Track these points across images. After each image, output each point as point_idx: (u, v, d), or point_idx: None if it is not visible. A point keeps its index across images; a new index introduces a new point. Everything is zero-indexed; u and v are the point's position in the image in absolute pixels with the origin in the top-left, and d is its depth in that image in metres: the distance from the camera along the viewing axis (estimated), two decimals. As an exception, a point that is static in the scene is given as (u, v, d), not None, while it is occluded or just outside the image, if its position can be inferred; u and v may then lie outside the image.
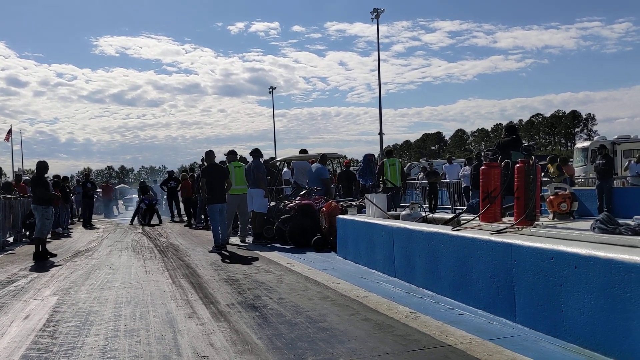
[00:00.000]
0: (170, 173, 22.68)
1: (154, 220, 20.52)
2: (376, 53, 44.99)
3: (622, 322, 3.48)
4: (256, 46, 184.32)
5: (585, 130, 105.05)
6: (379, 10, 43.31)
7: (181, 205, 21.07)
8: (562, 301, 3.99)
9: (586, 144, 32.06)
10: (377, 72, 45.14)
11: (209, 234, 14.62)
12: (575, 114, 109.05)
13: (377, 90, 45.22)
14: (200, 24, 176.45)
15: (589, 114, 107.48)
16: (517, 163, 5.75)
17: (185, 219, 19.62)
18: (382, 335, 4.56)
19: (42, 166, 10.83)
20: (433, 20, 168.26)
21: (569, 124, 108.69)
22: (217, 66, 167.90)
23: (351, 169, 14.73)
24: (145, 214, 20.23)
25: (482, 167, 5.90)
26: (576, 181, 19.97)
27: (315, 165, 12.56)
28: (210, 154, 11.65)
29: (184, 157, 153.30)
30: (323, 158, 13.26)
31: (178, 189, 20.52)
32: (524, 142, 8.50)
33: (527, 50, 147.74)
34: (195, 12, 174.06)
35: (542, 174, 11.95)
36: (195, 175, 20.20)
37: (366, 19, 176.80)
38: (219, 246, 10.89)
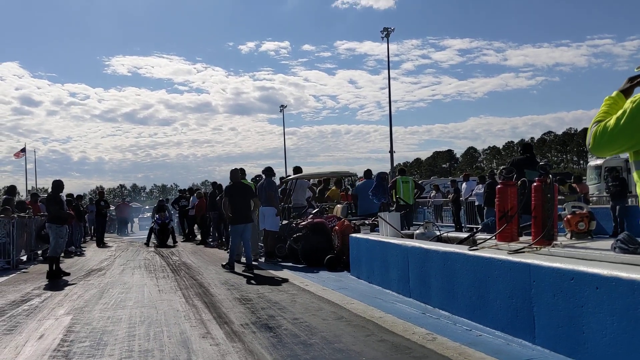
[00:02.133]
0: (182, 192, 22.75)
1: (169, 241, 19.10)
2: (386, 71, 45.29)
3: (646, 345, 3.40)
4: (266, 65, 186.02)
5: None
6: (389, 30, 43.64)
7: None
8: (583, 323, 3.92)
9: (599, 161, 31.70)
10: (386, 90, 45.30)
11: (221, 253, 14.64)
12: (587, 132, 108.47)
13: (387, 108, 45.33)
14: (211, 44, 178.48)
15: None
16: (533, 182, 5.72)
17: (199, 238, 19.64)
18: (399, 356, 4.50)
19: (58, 185, 10.89)
20: (443, 39, 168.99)
21: (581, 141, 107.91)
22: (228, 85, 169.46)
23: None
24: (160, 235, 18.75)
25: (499, 186, 5.85)
26: (590, 199, 19.77)
27: (368, 182, 12.82)
28: (235, 173, 11.32)
29: (195, 176, 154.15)
30: (368, 173, 13.70)
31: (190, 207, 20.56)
32: (539, 160, 8.45)
33: (537, 67, 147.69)
34: (207, 31, 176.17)
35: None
36: (200, 192, 20.35)
37: (375, 37, 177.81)
38: (232, 265, 10.80)
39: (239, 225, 10.84)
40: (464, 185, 20.46)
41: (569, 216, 5.78)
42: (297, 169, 15.26)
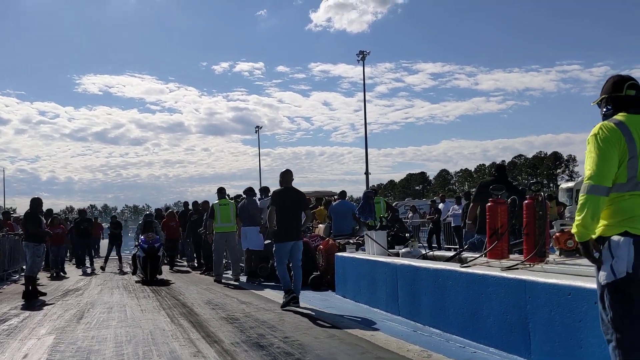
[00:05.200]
0: (157, 212, 22.15)
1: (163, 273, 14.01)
2: (360, 93, 45.94)
3: (645, 358, 3.45)
4: (240, 86, 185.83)
5: (567, 171, 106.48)
6: (364, 53, 44.34)
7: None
8: (582, 337, 3.97)
9: (571, 184, 32.44)
10: (360, 112, 45.83)
11: (198, 274, 14.42)
12: (556, 155, 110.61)
13: (361, 130, 45.76)
14: (184, 63, 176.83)
15: (570, 155, 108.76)
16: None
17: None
18: (396, 373, 4.49)
19: (36, 202, 10.67)
20: (416, 62, 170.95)
21: (551, 165, 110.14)
22: (201, 105, 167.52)
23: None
24: (146, 264, 12.60)
25: (489, 204, 5.94)
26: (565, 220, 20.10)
27: (343, 202, 12.83)
28: (287, 175, 8.65)
29: (166, 196, 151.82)
30: (343, 194, 13.61)
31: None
32: (513, 182, 8.55)
33: (508, 92, 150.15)
34: (180, 51, 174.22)
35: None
36: (172, 211, 19.48)
37: (349, 60, 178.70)
38: (291, 293, 8.02)
39: (287, 242, 8.31)
40: (440, 205, 20.65)
41: (557, 234, 5.86)
42: (265, 189, 15.07)
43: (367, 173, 44.95)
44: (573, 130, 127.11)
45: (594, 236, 3.13)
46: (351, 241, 10.41)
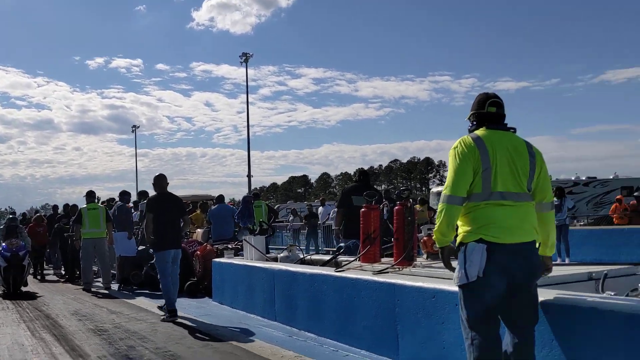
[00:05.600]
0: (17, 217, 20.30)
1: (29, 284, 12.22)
2: (243, 95, 45.67)
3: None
4: (117, 83, 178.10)
5: (438, 176, 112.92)
6: (247, 55, 44.15)
7: None
8: (444, 339, 4.19)
9: (441, 188, 34.23)
10: (243, 114, 45.63)
11: (62, 282, 13.56)
12: (428, 161, 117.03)
13: (244, 132, 45.58)
14: (55, 57, 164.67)
15: (441, 160, 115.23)
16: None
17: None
18: (270, 381, 4.47)
19: None
20: (299, 67, 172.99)
21: (423, 169, 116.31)
22: (73, 102, 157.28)
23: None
24: (8, 275, 11.02)
25: (362, 210, 6.11)
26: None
27: (223, 206, 12.68)
28: (161, 180, 8.18)
29: (33, 198, 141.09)
30: (220, 198, 13.60)
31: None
32: (389, 186, 8.92)
33: (385, 99, 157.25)
34: (50, 44, 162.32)
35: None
36: (40, 215, 18.02)
37: (232, 61, 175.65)
38: (173, 311, 7.56)
39: (168, 250, 7.80)
40: (320, 209, 21.08)
41: (425, 238, 6.18)
42: (143, 193, 14.55)
43: (249, 175, 44.81)
44: (444, 137, 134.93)
45: (458, 240, 3.36)
46: (230, 246, 10.28)
